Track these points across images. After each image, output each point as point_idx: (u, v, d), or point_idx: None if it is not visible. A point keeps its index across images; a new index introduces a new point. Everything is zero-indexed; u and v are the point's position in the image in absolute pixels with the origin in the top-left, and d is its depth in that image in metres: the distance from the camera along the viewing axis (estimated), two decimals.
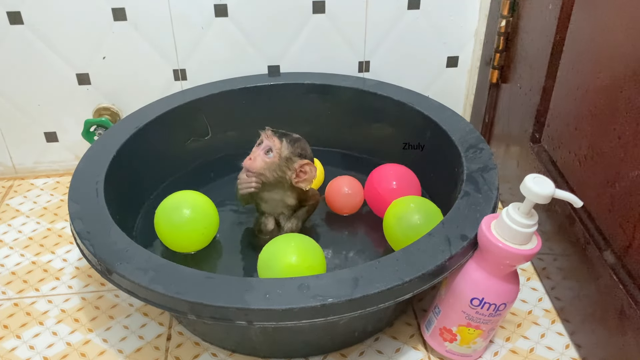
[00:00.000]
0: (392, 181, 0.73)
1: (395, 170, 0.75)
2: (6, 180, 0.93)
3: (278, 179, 0.66)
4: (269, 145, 0.65)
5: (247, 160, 0.65)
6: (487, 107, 0.88)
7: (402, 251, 0.55)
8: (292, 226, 0.69)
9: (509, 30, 0.79)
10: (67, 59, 0.85)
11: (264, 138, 0.66)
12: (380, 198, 0.73)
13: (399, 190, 0.72)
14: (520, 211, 0.50)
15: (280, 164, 0.65)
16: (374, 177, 0.75)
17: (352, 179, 0.76)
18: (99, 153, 0.70)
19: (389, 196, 0.71)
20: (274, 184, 0.67)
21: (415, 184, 0.75)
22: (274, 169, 0.65)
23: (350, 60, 0.90)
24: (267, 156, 0.65)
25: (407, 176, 0.75)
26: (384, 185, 0.73)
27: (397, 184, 0.73)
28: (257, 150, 0.66)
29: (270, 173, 0.65)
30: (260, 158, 0.65)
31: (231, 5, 0.83)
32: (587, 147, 0.60)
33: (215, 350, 0.62)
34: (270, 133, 0.65)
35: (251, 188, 0.66)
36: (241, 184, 0.67)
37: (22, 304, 0.69)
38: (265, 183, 0.66)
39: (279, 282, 0.52)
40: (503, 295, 0.55)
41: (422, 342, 0.63)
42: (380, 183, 0.74)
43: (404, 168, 0.76)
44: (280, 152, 0.64)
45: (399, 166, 0.76)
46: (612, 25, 0.55)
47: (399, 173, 0.75)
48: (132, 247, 0.56)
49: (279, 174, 0.65)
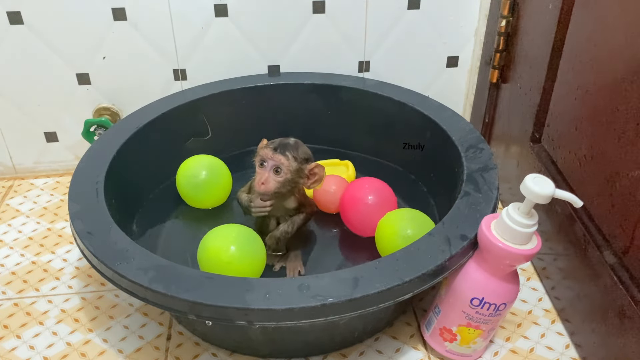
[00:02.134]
0: (368, 196, 0.70)
1: (370, 185, 0.71)
2: (6, 180, 0.93)
3: (292, 190, 0.67)
4: (275, 164, 0.64)
5: (261, 186, 0.64)
6: (487, 107, 0.88)
7: (402, 251, 0.55)
8: (287, 229, 0.69)
9: (509, 30, 0.79)
10: (67, 59, 0.85)
11: (267, 157, 0.64)
12: (355, 214, 0.70)
13: (374, 206, 0.69)
14: (520, 211, 0.50)
15: (293, 177, 0.65)
16: (348, 193, 0.72)
17: (338, 177, 0.76)
18: (99, 153, 0.70)
19: (364, 210, 0.69)
20: (286, 194, 0.67)
21: (391, 198, 0.71)
22: (288, 184, 0.65)
23: (350, 60, 0.90)
24: (277, 176, 0.64)
25: (383, 190, 0.71)
26: (358, 201, 0.70)
27: (372, 198, 0.69)
28: (265, 172, 0.64)
29: (284, 188, 0.65)
30: (271, 179, 0.64)
31: (231, 5, 0.83)
32: (587, 147, 0.60)
33: (215, 350, 0.62)
34: (271, 151, 0.64)
35: (265, 212, 0.67)
36: (256, 208, 0.66)
37: (22, 304, 0.69)
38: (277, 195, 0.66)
39: (279, 282, 0.52)
40: (503, 295, 0.55)
41: (422, 342, 0.63)
42: (355, 199, 0.70)
43: (380, 182, 0.72)
44: (289, 167, 0.64)
45: (374, 180, 0.72)
46: (612, 25, 0.55)
47: (375, 187, 0.71)
48: (132, 247, 0.56)
49: (293, 186, 0.66)
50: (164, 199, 0.79)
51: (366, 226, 0.70)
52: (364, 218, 0.70)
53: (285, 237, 0.69)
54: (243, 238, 0.62)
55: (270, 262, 0.69)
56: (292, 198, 0.68)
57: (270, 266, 0.69)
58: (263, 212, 0.67)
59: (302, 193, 0.69)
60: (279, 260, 0.69)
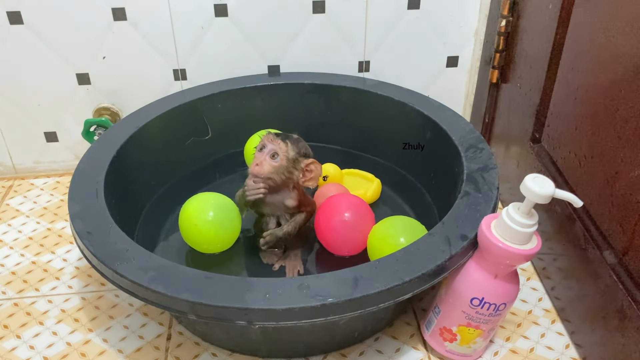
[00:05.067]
0: (344, 213, 0.66)
1: (347, 201, 0.68)
2: (6, 180, 0.93)
3: (285, 181, 0.66)
4: (274, 148, 0.64)
5: (255, 167, 0.64)
6: (487, 107, 0.88)
7: (402, 251, 0.55)
8: (289, 229, 0.69)
9: (509, 30, 0.79)
10: (67, 59, 0.85)
11: (267, 142, 0.65)
12: (331, 231, 0.67)
13: (351, 222, 0.66)
14: (520, 211, 0.50)
15: (288, 165, 0.65)
16: (323, 210, 0.69)
17: (339, 186, 0.75)
18: (99, 153, 0.70)
19: (340, 227, 0.66)
20: (279, 186, 0.67)
21: (369, 215, 0.68)
22: (282, 172, 0.65)
23: (350, 60, 0.90)
24: (273, 160, 0.64)
25: (360, 207, 0.68)
26: (335, 217, 0.67)
27: (349, 215, 0.66)
28: (262, 155, 0.65)
29: (278, 176, 0.65)
30: (267, 162, 0.64)
31: (231, 5, 0.83)
32: (587, 147, 0.60)
33: (215, 350, 0.62)
34: (273, 136, 0.65)
35: (259, 194, 0.66)
36: (249, 190, 0.66)
37: (22, 304, 0.69)
38: (271, 186, 0.66)
39: (279, 282, 0.52)
40: (503, 295, 0.55)
41: (422, 342, 0.63)
42: (331, 215, 0.67)
43: (357, 198, 0.70)
44: (287, 154, 0.64)
45: (350, 196, 0.70)
46: (612, 25, 0.55)
47: (351, 203, 0.68)
48: (132, 247, 0.56)
49: (286, 176, 0.65)
50: (164, 199, 0.79)
51: (343, 245, 0.68)
52: (341, 237, 0.67)
53: (287, 238, 0.69)
54: (221, 205, 0.67)
55: (269, 262, 0.69)
56: (291, 195, 0.68)
57: (270, 266, 0.69)
58: (257, 194, 0.66)
59: (302, 191, 0.69)
60: (278, 259, 0.69)
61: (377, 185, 0.79)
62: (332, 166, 0.80)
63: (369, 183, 0.80)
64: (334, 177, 0.79)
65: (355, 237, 0.67)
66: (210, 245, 0.68)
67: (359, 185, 0.80)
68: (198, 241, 0.68)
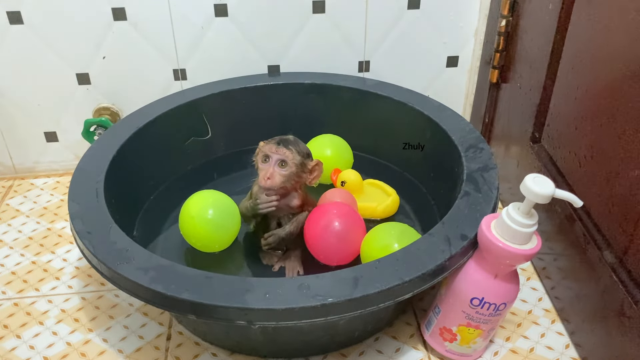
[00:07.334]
0: (334, 222, 0.65)
1: (338, 210, 0.67)
2: (6, 180, 0.93)
3: (294, 185, 0.67)
4: (280, 157, 0.64)
5: (266, 181, 0.64)
6: (487, 107, 0.88)
7: (402, 251, 0.55)
8: (292, 229, 0.69)
9: (509, 30, 0.79)
10: (67, 59, 0.85)
11: (270, 152, 0.64)
12: (318, 241, 0.66)
13: (342, 231, 0.65)
14: (520, 211, 0.50)
15: (297, 171, 0.65)
16: (311, 219, 0.67)
17: (344, 191, 0.74)
18: (99, 153, 0.70)
19: (328, 237, 0.65)
20: (288, 191, 0.67)
21: (360, 223, 0.67)
22: (292, 178, 0.65)
23: (350, 60, 0.90)
24: (282, 169, 0.64)
25: (348, 217, 0.66)
26: (325, 228, 0.65)
27: (339, 224, 0.65)
28: (269, 166, 0.64)
29: (289, 183, 0.65)
30: (277, 173, 0.64)
31: (231, 5, 0.83)
32: (587, 147, 0.60)
33: (215, 350, 0.62)
34: (275, 145, 0.64)
35: (273, 207, 0.66)
36: (262, 204, 0.66)
37: (22, 304, 0.69)
38: (282, 193, 0.66)
39: (278, 282, 0.52)
40: (503, 295, 0.55)
41: (422, 342, 0.63)
42: (318, 225, 0.66)
43: (347, 207, 0.68)
44: (294, 160, 0.64)
45: (339, 206, 0.68)
46: (612, 25, 0.55)
47: (342, 213, 0.66)
48: (132, 247, 0.56)
49: (296, 180, 0.66)
50: (164, 198, 0.79)
51: (331, 256, 0.66)
52: (329, 247, 0.65)
53: (290, 238, 0.69)
54: (221, 202, 0.68)
55: (269, 263, 0.69)
56: (296, 195, 0.68)
57: (270, 266, 0.69)
58: (270, 207, 0.66)
59: (304, 190, 0.70)
60: (278, 260, 0.69)
61: (392, 202, 0.76)
62: (353, 173, 0.78)
63: (385, 197, 0.77)
64: (353, 184, 0.77)
65: (341, 248, 0.65)
66: (209, 242, 0.68)
67: (374, 198, 0.77)
68: (197, 238, 0.68)
